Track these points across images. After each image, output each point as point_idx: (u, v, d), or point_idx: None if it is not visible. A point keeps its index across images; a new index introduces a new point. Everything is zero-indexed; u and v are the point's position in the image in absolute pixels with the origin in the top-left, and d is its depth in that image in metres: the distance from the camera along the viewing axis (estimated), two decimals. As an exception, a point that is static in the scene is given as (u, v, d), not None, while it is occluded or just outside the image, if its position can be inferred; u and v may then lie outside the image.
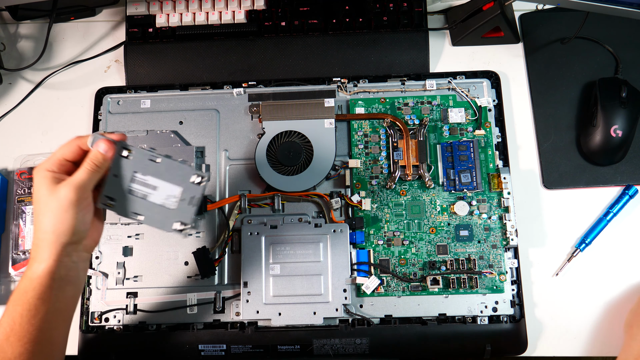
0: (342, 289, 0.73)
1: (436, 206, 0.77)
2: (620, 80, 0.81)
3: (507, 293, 0.73)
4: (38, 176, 0.59)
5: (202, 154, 0.81)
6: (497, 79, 0.82)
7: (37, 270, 0.58)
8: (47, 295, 0.58)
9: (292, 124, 0.80)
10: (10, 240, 0.80)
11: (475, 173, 0.77)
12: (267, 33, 0.88)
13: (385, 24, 0.86)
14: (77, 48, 0.92)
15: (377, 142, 0.80)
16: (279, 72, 0.86)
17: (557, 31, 0.86)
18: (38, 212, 0.59)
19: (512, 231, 0.74)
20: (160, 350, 0.73)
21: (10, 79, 0.90)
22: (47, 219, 0.58)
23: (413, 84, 0.83)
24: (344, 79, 0.83)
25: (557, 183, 0.80)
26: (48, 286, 0.58)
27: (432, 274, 0.74)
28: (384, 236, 0.76)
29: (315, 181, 0.77)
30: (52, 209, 0.58)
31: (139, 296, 0.75)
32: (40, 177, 0.59)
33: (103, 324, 0.75)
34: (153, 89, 0.85)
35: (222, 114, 0.83)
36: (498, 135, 0.80)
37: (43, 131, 0.86)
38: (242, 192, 0.79)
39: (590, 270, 0.76)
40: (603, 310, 0.75)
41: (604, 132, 0.78)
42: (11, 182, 0.83)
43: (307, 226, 0.76)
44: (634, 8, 0.72)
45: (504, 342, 0.72)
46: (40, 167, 0.60)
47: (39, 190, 0.59)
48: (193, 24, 0.89)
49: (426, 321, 0.73)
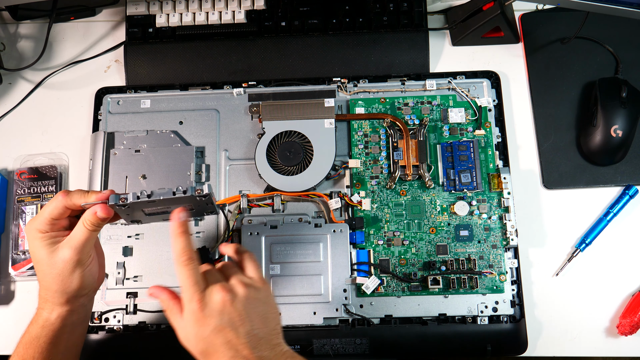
0: (342, 289, 0.73)
1: (436, 206, 0.77)
2: (620, 80, 0.81)
3: (507, 293, 0.73)
4: (31, 236, 0.58)
5: (202, 154, 0.81)
6: (497, 79, 0.82)
7: (49, 318, 0.59)
8: (60, 339, 0.60)
9: (292, 124, 0.80)
10: (10, 240, 0.80)
11: (475, 173, 0.77)
12: (267, 33, 0.88)
13: (385, 24, 0.86)
14: (77, 48, 0.92)
15: (377, 142, 0.80)
16: (279, 72, 0.86)
17: (557, 31, 0.86)
18: (42, 273, 0.59)
19: (512, 231, 0.74)
20: (160, 350, 0.73)
21: (10, 79, 0.90)
22: (54, 281, 0.58)
23: (413, 84, 0.83)
24: (344, 79, 0.83)
25: (557, 183, 0.80)
26: (60, 331, 0.60)
27: (432, 274, 0.74)
28: (384, 236, 0.76)
29: (315, 181, 0.77)
30: (58, 272, 0.58)
31: (139, 296, 0.75)
32: (34, 237, 0.58)
33: (103, 324, 0.75)
34: (153, 89, 0.85)
35: (222, 114, 0.83)
36: (498, 135, 0.80)
37: (43, 131, 0.86)
38: (242, 192, 0.79)
39: (590, 270, 0.76)
40: (603, 310, 0.75)
41: (604, 132, 0.78)
42: (11, 182, 0.83)
43: (307, 226, 0.76)
44: (634, 8, 0.71)
45: (504, 342, 0.72)
46: (31, 227, 0.58)
47: (37, 252, 0.58)
48: (193, 24, 0.89)
49: (426, 321, 0.73)
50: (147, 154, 0.80)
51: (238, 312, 0.54)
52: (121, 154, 0.80)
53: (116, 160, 0.80)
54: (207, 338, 0.53)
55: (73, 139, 0.85)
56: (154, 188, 0.78)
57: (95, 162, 0.80)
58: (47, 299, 0.59)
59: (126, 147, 0.81)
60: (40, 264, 0.58)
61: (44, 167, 0.82)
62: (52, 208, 0.58)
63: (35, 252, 0.59)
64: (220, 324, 0.53)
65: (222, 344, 0.53)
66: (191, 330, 0.53)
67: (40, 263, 0.58)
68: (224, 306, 0.53)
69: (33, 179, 0.81)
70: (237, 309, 0.54)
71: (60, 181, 0.82)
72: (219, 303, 0.53)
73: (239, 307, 0.54)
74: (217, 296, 0.53)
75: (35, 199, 0.81)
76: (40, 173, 0.82)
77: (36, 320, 0.60)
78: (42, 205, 0.80)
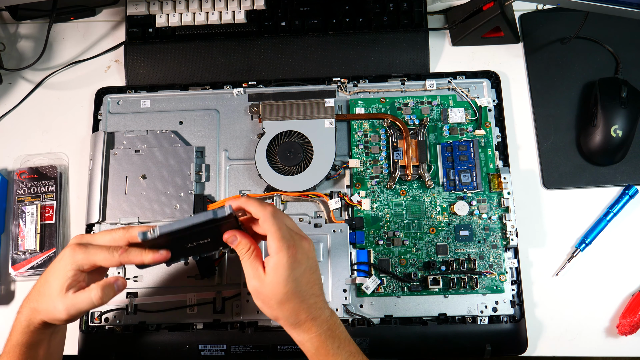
0: (342, 289, 0.73)
1: (436, 206, 0.77)
2: (620, 80, 0.81)
3: (507, 293, 0.73)
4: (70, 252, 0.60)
5: (202, 154, 0.81)
6: (497, 79, 0.82)
7: (30, 325, 0.61)
8: (40, 345, 0.62)
9: (292, 124, 0.80)
10: (10, 240, 0.80)
11: (475, 173, 0.77)
12: (267, 33, 0.88)
13: (385, 24, 0.86)
14: (77, 48, 0.92)
15: (377, 142, 0.80)
16: (279, 72, 0.86)
17: (557, 31, 0.86)
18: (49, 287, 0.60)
19: (512, 231, 0.74)
20: (160, 350, 0.73)
21: (10, 79, 0.90)
22: (50, 308, 0.59)
23: (413, 84, 0.83)
24: (344, 79, 0.83)
25: (557, 183, 0.80)
26: (39, 340, 0.62)
27: (432, 274, 0.74)
28: (384, 236, 0.76)
29: (315, 181, 0.77)
30: (56, 306, 0.59)
31: (138, 296, 0.75)
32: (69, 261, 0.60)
33: (103, 324, 0.75)
34: (153, 89, 0.85)
35: (222, 114, 0.83)
36: (498, 135, 0.80)
37: (43, 131, 0.86)
38: (242, 192, 0.79)
39: (590, 270, 0.76)
40: (603, 310, 0.75)
41: (604, 132, 0.78)
42: (11, 182, 0.83)
43: (307, 226, 0.75)
44: (634, 8, 0.72)
45: (504, 342, 0.72)
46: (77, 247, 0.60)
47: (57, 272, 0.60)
48: (193, 24, 0.89)
49: (426, 321, 0.73)
50: (147, 154, 0.80)
51: (315, 257, 0.61)
52: (121, 154, 0.80)
53: (116, 160, 0.80)
54: (297, 279, 0.58)
55: (73, 139, 0.85)
56: (153, 188, 0.78)
57: (95, 162, 0.80)
58: (31, 308, 0.61)
59: (126, 147, 0.81)
60: (56, 281, 0.59)
61: (44, 167, 0.82)
62: (104, 259, 0.60)
63: (63, 272, 0.59)
64: (308, 266, 0.59)
65: (307, 283, 0.59)
66: (281, 275, 0.57)
67: (57, 280, 0.59)
68: (310, 251, 0.60)
69: (33, 179, 0.81)
70: (314, 255, 0.61)
71: (60, 181, 0.82)
72: (308, 249, 0.60)
73: (314, 253, 0.61)
74: (305, 243, 0.60)
75: (35, 199, 0.81)
76: (40, 173, 0.82)
77: (17, 327, 0.61)
78: (42, 205, 0.80)
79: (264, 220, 0.58)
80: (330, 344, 0.59)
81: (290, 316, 0.59)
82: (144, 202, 0.78)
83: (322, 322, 0.59)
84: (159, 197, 0.78)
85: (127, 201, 0.78)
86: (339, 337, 0.60)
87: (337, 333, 0.60)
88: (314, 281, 0.60)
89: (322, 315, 0.59)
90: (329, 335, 0.59)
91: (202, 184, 0.80)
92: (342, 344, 0.60)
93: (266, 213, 0.58)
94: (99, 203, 0.78)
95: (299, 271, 0.58)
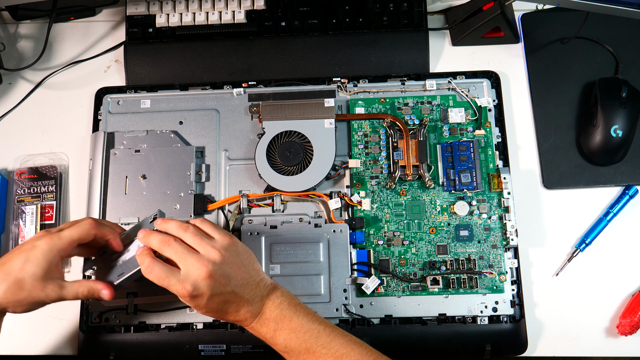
0: (342, 289, 0.73)
1: (436, 206, 0.77)
2: (620, 80, 0.81)
3: (507, 293, 0.73)
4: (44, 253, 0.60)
5: (202, 154, 0.81)
6: (497, 79, 0.82)
7: None
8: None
9: (292, 124, 0.80)
10: (10, 240, 0.80)
11: (475, 173, 0.77)
12: (267, 33, 0.88)
13: (385, 24, 0.86)
14: (77, 48, 0.92)
15: (377, 142, 0.80)
16: (279, 72, 0.86)
17: (557, 31, 0.86)
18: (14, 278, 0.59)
19: (512, 231, 0.74)
20: (160, 350, 0.73)
21: (10, 79, 0.90)
22: (9, 292, 0.59)
23: (413, 84, 0.83)
24: (344, 79, 0.83)
25: (557, 183, 0.80)
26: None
27: (432, 274, 0.74)
28: (384, 236, 0.76)
29: (315, 181, 0.77)
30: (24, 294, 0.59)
31: (139, 296, 0.75)
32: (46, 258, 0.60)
33: (103, 324, 0.75)
34: (153, 89, 0.85)
35: (222, 114, 0.83)
36: (498, 135, 0.80)
37: (43, 131, 0.86)
38: (242, 192, 0.79)
39: (590, 270, 0.76)
40: (603, 310, 0.75)
41: (604, 132, 0.78)
42: (11, 182, 0.83)
43: (307, 226, 0.76)
44: (634, 8, 0.72)
45: (504, 342, 0.72)
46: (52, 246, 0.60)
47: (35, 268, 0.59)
48: (193, 24, 0.89)
49: (426, 321, 0.73)
50: (147, 154, 0.80)
51: (220, 277, 0.59)
52: (121, 154, 0.80)
53: (116, 160, 0.80)
54: (206, 308, 0.60)
55: (73, 139, 0.85)
56: (153, 188, 0.78)
57: (95, 162, 0.80)
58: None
59: (126, 147, 0.81)
60: (21, 273, 0.59)
61: (44, 167, 0.82)
62: (80, 234, 0.61)
63: (33, 266, 0.59)
64: (211, 294, 0.59)
65: (220, 304, 0.60)
66: (204, 298, 0.59)
67: (22, 272, 0.59)
68: (207, 279, 0.58)
69: (33, 179, 0.81)
70: (217, 275, 0.59)
71: (60, 181, 0.82)
72: (202, 279, 0.59)
73: (218, 273, 0.59)
74: (197, 272, 0.58)
75: (35, 199, 0.81)
76: (40, 173, 0.82)
77: None
78: (42, 205, 0.80)
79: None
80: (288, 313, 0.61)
81: (235, 317, 0.62)
82: (144, 202, 0.78)
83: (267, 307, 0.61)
84: (159, 197, 0.78)
85: (127, 201, 0.78)
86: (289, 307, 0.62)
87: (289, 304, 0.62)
88: (227, 298, 0.60)
89: (261, 300, 0.61)
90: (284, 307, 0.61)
91: (202, 184, 0.80)
92: (297, 311, 0.62)
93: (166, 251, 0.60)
94: (99, 203, 0.78)
95: (202, 304, 0.59)
